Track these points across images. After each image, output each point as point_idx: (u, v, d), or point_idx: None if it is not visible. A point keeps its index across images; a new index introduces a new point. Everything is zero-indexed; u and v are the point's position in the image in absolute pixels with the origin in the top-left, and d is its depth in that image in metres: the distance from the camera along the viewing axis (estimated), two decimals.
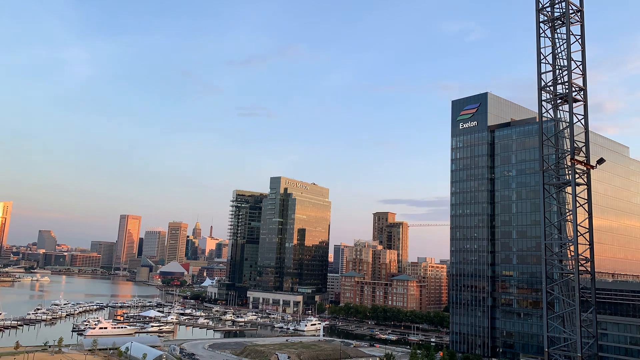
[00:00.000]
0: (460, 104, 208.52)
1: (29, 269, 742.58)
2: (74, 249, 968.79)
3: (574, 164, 74.89)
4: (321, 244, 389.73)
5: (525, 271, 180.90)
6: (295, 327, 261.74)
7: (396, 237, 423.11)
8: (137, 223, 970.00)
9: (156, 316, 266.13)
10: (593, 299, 76.55)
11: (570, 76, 76.92)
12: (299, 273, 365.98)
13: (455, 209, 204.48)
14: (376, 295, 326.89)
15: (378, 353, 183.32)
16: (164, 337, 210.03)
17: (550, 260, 79.87)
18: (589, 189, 75.72)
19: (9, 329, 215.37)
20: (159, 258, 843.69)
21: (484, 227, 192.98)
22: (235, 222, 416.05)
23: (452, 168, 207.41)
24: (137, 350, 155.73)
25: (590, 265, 76.41)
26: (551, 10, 79.96)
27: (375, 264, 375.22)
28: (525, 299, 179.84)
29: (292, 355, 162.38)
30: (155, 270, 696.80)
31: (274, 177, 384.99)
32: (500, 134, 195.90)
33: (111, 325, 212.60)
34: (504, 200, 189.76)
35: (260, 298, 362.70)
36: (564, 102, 78.64)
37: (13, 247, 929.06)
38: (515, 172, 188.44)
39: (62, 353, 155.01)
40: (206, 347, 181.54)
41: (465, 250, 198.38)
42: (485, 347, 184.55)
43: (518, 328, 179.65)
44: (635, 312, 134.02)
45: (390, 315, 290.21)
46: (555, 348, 76.89)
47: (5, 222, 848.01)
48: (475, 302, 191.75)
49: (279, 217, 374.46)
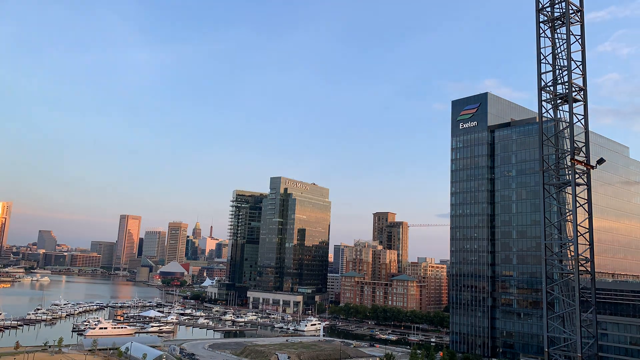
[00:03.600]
0: (460, 104, 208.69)
1: (29, 269, 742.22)
2: (74, 249, 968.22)
3: (574, 164, 74.77)
4: (321, 244, 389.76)
5: (525, 271, 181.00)
6: (295, 327, 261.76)
7: (396, 237, 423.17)
8: (137, 223, 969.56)
9: (156, 316, 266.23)
10: (593, 299, 76.49)
11: (570, 76, 76.84)
12: (299, 273, 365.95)
13: (455, 209, 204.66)
14: (376, 295, 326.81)
15: (378, 353, 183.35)
16: (164, 337, 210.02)
17: (550, 260, 79.81)
18: (589, 189, 75.67)
19: (9, 329, 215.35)
20: (159, 258, 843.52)
21: (484, 227, 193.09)
22: (235, 222, 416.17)
23: (452, 168, 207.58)
24: (137, 350, 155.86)
25: (590, 265, 76.33)
26: (551, 10, 79.86)
27: (375, 264, 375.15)
28: (525, 299, 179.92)
29: (292, 356, 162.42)
30: (155, 270, 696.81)
31: (274, 177, 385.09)
32: (500, 134, 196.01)
33: (111, 325, 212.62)
34: (504, 200, 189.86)
35: (260, 298, 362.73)
36: (564, 102, 78.57)
37: (13, 247, 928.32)
38: (515, 172, 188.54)
39: (62, 353, 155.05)
40: (206, 347, 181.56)
41: (465, 250, 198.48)
42: (485, 347, 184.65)
43: (518, 328, 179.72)
44: (635, 312, 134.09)
45: (390, 315, 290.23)
46: (555, 348, 76.83)
47: (5, 222, 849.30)
48: (475, 302, 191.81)
49: (279, 217, 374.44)
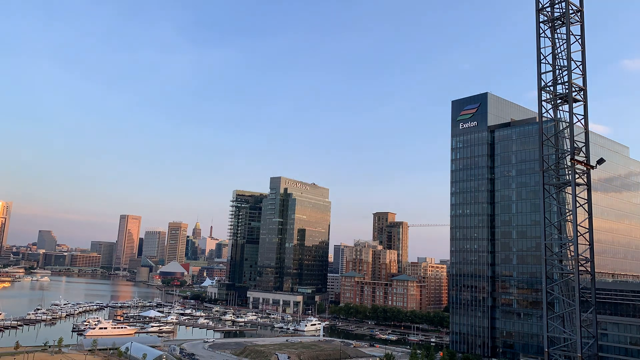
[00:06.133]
0: (460, 104, 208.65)
1: (29, 269, 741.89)
2: (74, 249, 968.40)
3: (574, 164, 74.79)
4: (321, 244, 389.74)
5: (525, 271, 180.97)
6: (295, 327, 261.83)
7: (396, 237, 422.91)
8: (137, 223, 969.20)
9: (156, 316, 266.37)
10: (593, 299, 76.48)
11: (570, 76, 76.87)
12: (299, 273, 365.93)
13: (455, 209, 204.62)
14: (376, 295, 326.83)
15: (378, 353, 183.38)
16: (164, 337, 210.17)
17: (550, 260, 79.82)
18: (589, 189, 75.69)
19: (9, 329, 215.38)
20: (159, 258, 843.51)
21: (484, 227, 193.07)
22: (235, 222, 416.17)
23: (452, 168, 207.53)
24: (137, 350, 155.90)
25: (590, 265, 76.34)
26: (551, 10, 79.84)
27: (375, 264, 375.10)
28: (525, 299, 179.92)
29: (292, 356, 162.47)
30: (155, 270, 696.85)
31: (274, 177, 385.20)
32: (500, 134, 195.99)
33: (111, 325, 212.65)
34: (504, 200, 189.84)
35: (260, 298, 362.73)
36: (564, 102, 78.58)
37: (13, 247, 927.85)
38: (515, 172, 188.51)
39: (62, 353, 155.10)
40: (206, 347, 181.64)
41: (465, 250, 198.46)
42: (485, 347, 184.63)
43: (518, 328, 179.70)
44: (635, 312, 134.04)
45: (390, 315, 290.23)
46: (555, 348, 76.83)
47: (5, 222, 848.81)
48: (475, 302, 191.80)
49: (279, 217, 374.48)
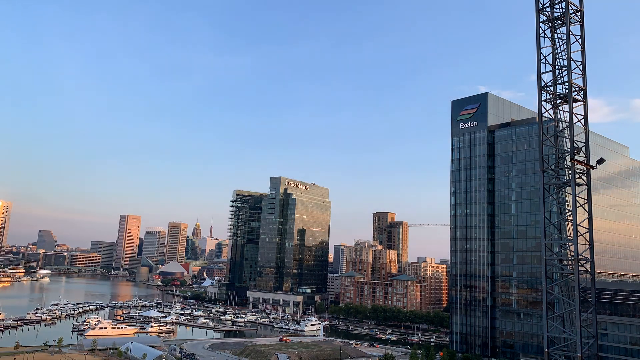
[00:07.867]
0: (460, 104, 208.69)
1: (28, 269, 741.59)
2: (74, 249, 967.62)
3: (574, 164, 74.88)
4: (321, 244, 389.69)
5: (525, 271, 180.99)
6: (295, 327, 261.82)
7: (396, 237, 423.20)
8: (137, 223, 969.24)
9: (156, 316, 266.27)
10: (593, 299, 76.54)
11: (570, 76, 76.97)
12: (298, 273, 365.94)
13: (455, 209, 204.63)
14: (376, 295, 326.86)
15: (378, 353, 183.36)
16: (164, 337, 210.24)
17: (550, 260, 79.89)
18: (589, 189, 75.75)
19: (9, 329, 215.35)
20: (159, 258, 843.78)
21: (484, 227, 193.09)
22: (235, 222, 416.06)
23: (452, 168, 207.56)
24: (137, 350, 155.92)
25: (590, 265, 76.41)
26: (551, 10, 79.94)
27: (375, 264, 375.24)
28: (525, 299, 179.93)
29: (292, 355, 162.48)
30: (155, 270, 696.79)
31: (274, 177, 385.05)
32: (500, 134, 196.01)
33: (111, 325, 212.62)
34: (504, 200, 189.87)
35: (260, 298, 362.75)
36: (564, 102, 78.66)
37: (13, 247, 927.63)
38: (515, 172, 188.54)
39: (62, 353, 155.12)
40: (206, 347, 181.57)
41: (465, 250, 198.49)
42: (485, 347, 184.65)
43: (518, 328, 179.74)
44: (635, 312, 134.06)
45: (390, 315, 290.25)
46: (555, 348, 76.89)
47: (5, 222, 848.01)
48: (475, 302, 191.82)
49: (279, 217, 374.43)
